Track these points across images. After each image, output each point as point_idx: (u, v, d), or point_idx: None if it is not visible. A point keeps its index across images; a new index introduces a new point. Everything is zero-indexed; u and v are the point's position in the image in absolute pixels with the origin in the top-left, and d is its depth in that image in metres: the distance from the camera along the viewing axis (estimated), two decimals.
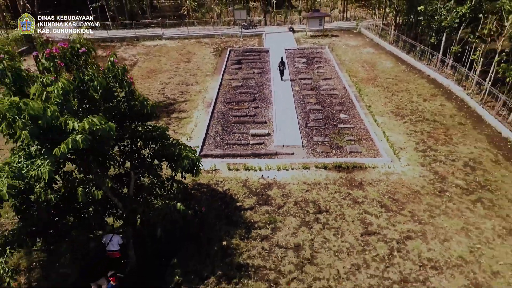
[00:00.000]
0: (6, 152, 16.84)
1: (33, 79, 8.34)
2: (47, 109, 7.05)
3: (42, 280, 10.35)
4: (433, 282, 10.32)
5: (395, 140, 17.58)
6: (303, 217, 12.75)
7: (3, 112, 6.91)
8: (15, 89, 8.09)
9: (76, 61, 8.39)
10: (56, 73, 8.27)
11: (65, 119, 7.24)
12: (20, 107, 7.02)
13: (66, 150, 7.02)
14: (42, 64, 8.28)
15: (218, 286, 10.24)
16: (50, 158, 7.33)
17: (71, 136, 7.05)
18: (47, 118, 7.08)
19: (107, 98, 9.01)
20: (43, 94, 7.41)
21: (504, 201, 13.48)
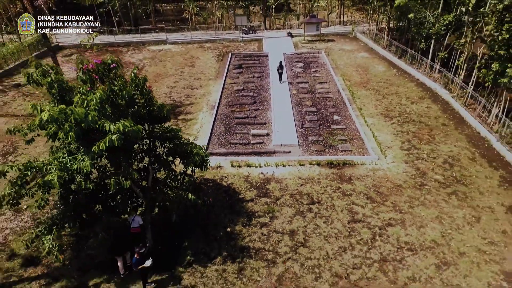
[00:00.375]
0: (30, 151, 18.58)
1: (72, 89, 10.10)
2: (89, 114, 8.80)
3: (73, 259, 12.10)
4: (408, 261, 12.06)
5: (383, 139, 19.32)
6: (298, 207, 14.49)
7: (55, 117, 8.65)
8: (59, 98, 9.84)
9: (108, 74, 10.14)
10: (91, 84, 10.02)
11: (102, 122, 8.98)
12: (67, 113, 8.78)
13: (104, 147, 8.77)
14: (79, 77, 10.01)
15: (224, 265, 11.98)
16: (90, 154, 9.10)
17: (108, 136, 8.80)
18: (88, 121, 8.84)
19: (129, 104, 10.75)
20: (84, 102, 9.16)
21: (476, 193, 15.21)
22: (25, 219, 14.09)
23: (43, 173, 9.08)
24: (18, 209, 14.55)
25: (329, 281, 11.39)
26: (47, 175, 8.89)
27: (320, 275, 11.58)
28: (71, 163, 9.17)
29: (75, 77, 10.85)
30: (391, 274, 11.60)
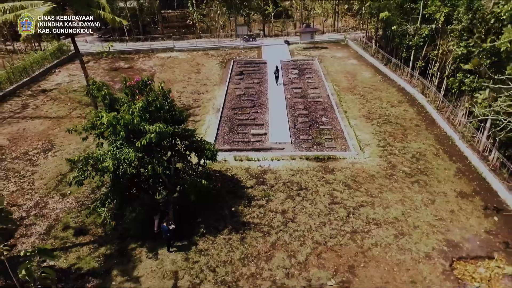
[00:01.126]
0: (65, 147, 22.02)
1: (118, 99, 13.55)
2: (134, 119, 12.25)
3: (113, 230, 15.55)
4: (373, 232, 15.48)
5: (363, 138, 22.74)
6: (289, 193, 17.93)
7: (111, 121, 12.10)
8: (109, 106, 13.29)
9: (144, 89, 13.59)
10: (132, 96, 13.47)
11: (143, 125, 12.43)
12: (118, 118, 12.24)
13: (145, 143, 12.22)
14: (124, 90, 13.45)
15: (229, 235, 15.42)
16: (134, 148, 12.55)
17: (147, 135, 12.25)
18: (134, 124, 12.29)
19: (159, 111, 14.18)
20: (130, 109, 12.61)
21: (434, 182, 18.64)
22: (70, 201, 17.54)
23: (100, 161, 12.51)
24: (64, 193, 18.02)
25: (311, 246, 14.82)
26: (103, 162, 12.33)
27: (304, 242, 15.01)
28: (120, 154, 12.61)
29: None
30: (359, 242, 15.04)
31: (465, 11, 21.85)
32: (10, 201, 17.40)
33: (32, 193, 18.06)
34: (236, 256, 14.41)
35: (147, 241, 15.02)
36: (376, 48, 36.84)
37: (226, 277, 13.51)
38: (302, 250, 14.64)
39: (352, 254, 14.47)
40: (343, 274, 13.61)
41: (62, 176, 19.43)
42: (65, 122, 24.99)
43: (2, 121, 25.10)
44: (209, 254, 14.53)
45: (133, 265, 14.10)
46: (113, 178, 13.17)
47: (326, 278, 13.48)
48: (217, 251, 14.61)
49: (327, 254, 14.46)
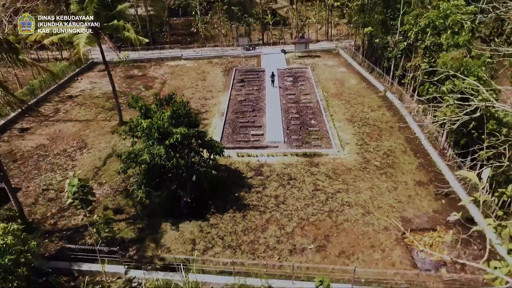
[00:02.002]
0: (96, 146, 26.45)
1: (150, 109, 17.98)
2: (165, 124, 16.69)
3: (143, 210, 19.98)
4: (346, 212, 19.89)
5: (344, 138, 27.15)
6: (281, 182, 22.34)
7: (147, 126, 16.54)
8: (144, 114, 17.73)
9: (170, 101, 18.03)
10: (161, 106, 17.90)
11: (170, 128, 16.87)
12: (153, 123, 16.67)
13: (172, 141, 16.65)
14: (155, 102, 17.89)
15: (234, 213, 19.83)
16: (163, 145, 16.98)
17: (174, 135, 16.67)
18: (164, 128, 16.72)
19: (180, 117, 18.60)
20: (161, 117, 17.04)
21: (399, 173, 23.03)
22: (106, 188, 21.98)
23: (139, 155, 16.93)
24: (100, 182, 22.46)
25: (297, 221, 19.24)
26: (142, 156, 16.76)
27: (291, 219, 19.44)
28: (153, 150, 17.04)
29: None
30: (334, 218, 19.46)
31: (429, 32, 26.24)
32: (60, 189, 21.86)
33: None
34: (239, 228, 18.85)
35: (170, 218, 19.46)
36: (362, 58, 41.26)
37: (231, 243, 17.93)
38: (289, 224, 19.07)
39: (328, 227, 18.89)
40: (320, 241, 18.03)
41: (97, 168, 23.88)
42: (93, 125, 29.44)
43: (40, 124, 29.56)
44: (218, 227, 18.96)
45: (160, 235, 18.54)
46: (147, 168, 17.58)
47: (307, 243, 17.89)
48: (224, 225, 19.05)
49: (309, 227, 18.89)
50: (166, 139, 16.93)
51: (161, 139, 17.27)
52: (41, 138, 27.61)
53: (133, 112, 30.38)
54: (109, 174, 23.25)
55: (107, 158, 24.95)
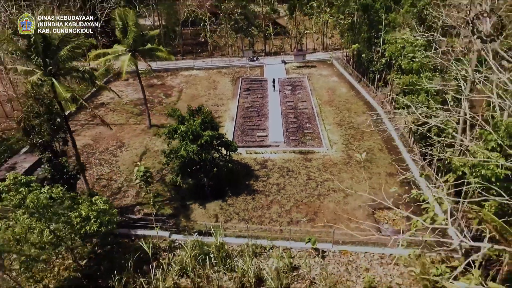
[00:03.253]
0: (132, 145, 32.61)
1: (185, 118, 24.19)
2: (197, 128, 22.91)
3: (177, 194, 26.18)
4: (331, 195, 26.07)
5: (333, 138, 33.32)
6: (281, 173, 28.52)
7: (184, 130, 22.75)
8: (181, 121, 23.94)
9: (199, 111, 24.24)
10: (192, 115, 24.10)
11: (201, 132, 23.08)
12: (189, 128, 22.91)
13: (202, 142, 22.87)
14: (188, 112, 24.10)
15: (245, 197, 26.00)
16: (195, 144, 23.21)
17: (204, 137, 22.88)
18: (197, 131, 22.95)
19: (206, 123, 24.79)
20: (193, 123, 23.25)
21: (375, 167, 29.18)
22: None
23: (177, 152, 23.11)
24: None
25: (293, 202, 25.42)
26: (180, 152, 22.93)
27: (289, 200, 25.62)
28: (188, 148, 23.23)
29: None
30: (322, 200, 25.63)
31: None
32: (109, 178, 28.07)
33: (121, 173, 28.74)
34: (249, 207, 25.05)
35: (197, 200, 25.65)
36: (352, 69, 47.44)
37: (244, 217, 24.12)
38: (288, 204, 25.26)
39: (316, 206, 25.09)
40: (310, 216, 24.21)
41: (135, 163, 30.04)
42: (126, 128, 35.62)
43: (83, 126, 35.77)
44: (234, 206, 25.16)
45: (190, 212, 24.73)
46: (183, 162, 23.74)
47: (301, 217, 24.08)
48: (238, 204, 25.25)
49: (302, 206, 25.08)
50: (197, 140, 23.12)
51: (193, 140, 23.45)
52: (86, 139, 33.81)
53: (157, 117, 36.78)
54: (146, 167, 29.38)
55: (142, 154, 31.17)
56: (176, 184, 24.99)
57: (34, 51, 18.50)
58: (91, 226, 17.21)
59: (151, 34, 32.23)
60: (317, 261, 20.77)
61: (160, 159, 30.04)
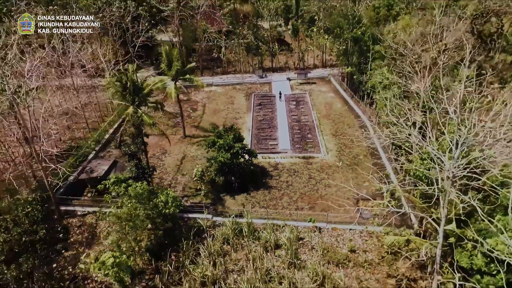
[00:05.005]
0: (171, 153, 41.93)
1: (222, 135, 33.50)
2: (230, 142, 32.22)
3: (213, 189, 35.46)
4: (326, 190, 35.31)
5: (329, 146, 42.56)
6: (289, 173, 37.79)
7: (222, 143, 32.08)
8: (218, 136, 33.25)
9: (231, 129, 33.52)
10: (226, 132, 33.39)
11: (232, 144, 32.40)
12: (225, 142, 32.26)
13: (234, 151, 32.20)
14: (223, 128, 33.39)
15: (263, 191, 35.28)
16: (228, 153, 32.54)
17: (235, 148, 32.20)
18: (230, 144, 32.27)
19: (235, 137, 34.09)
20: (228, 138, 32.55)
21: (361, 168, 38.40)
22: (187, 178, 37.42)
23: (216, 158, 32.38)
24: (183, 174, 37.91)
25: (298, 195, 34.68)
26: (218, 158, 32.20)
27: (296, 193, 34.89)
28: (224, 155, 32.50)
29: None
30: (320, 193, 34.87)
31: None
32: (160, 177, 37.36)
33: (169, 173, 38.05)
34: (266, 198, 34.34)
35: (228, 193, 34.91)
36: (346, 86, 56.68)
37: (263, 205, 33.38)
38: (294, 196, 34.51)
39: (315, 197, 34.34)
40: (311, 204, 33.46)
41: (177, 166, 39.33)
42: (164, 138, 44.83)
43: None
44: (255, 197, 34.44)
45: (224, 202, 33.99)
46: (220, 166, 32.95)
47: (304, 205, 33.33)
48: (258, 196, 34.52)
49: (305, 198, 34.34)
50: (230, 150, 32.38)
51: (227, 150, 32.72)
52: None
53: (189, 129, 45.97)
54: (186, 169, 38.74)
55: (182, 159, 40.50)
56: (215, 182, 34.25)
57: (128, 92, 27.80)
58: (169, 209, 26.47)
59: (189, 66, 41.61)
60: (316, 234, 30.00)
61: (196, 162, 39.40)
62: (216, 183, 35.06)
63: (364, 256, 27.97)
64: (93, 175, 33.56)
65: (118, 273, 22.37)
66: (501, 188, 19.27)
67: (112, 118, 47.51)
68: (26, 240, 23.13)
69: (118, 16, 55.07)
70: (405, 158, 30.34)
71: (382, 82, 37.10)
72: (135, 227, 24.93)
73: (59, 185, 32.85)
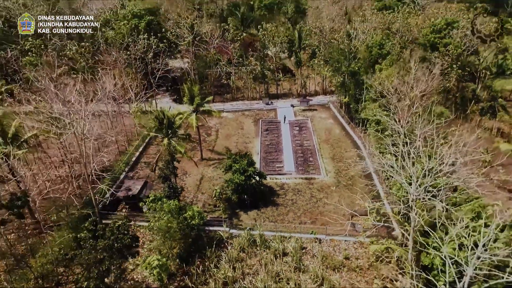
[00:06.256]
0: (191, 173, 48.33)
1: (236, 158, 39.91)
2: (244, 166, 38.60)
3: (228, 206, 41.59)
4: (325, 207, 41.40)
5: (328, 168, 48.82)
6: (293, 192, 43.98)
7: (238, 167, 38.46)
8: (233, 161, 39.66)
9: (245, 155, 39.96)
10: (240, 157, 39.80)
11: (246, 168, 38.76)
12: (241, 166, 38.65)
13: (248, 174, 38.55)
14: (239, 155, 39.81)
15: (271, 208, 41.42)
16: (242, 175, 38.89)
17: (249, 171, 38.57)
18: (245, 167, 38.65)
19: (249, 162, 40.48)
20: (243, 163, 38.94)
21: (355, 189, 44.52)
22: (206, 196, 43.62)
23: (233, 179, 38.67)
24: (202, 192, 44.15)
25: (302, 211, 40.79)
26: (234, 180, 38.49)
27: (299, 210, 41.00)
28: (239, 177, 38.79)
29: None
30: (320, 209, 40.95)
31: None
32: (183, 195, 43.57)
33: (190, 191, 44.31)
34: (275, 213, 40.44)
35: (242, 209, 41.03)
36: (344, 113, 63.33)
37: (272, 220, 39.45)
38: (298, 212, 40.60)
39: (316, 213, 40.41)
40: (313, 219, 39.50)
41: (197, 185, 45.59)
42: (184, 159, 51.19)
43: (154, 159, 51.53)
44: (265, 213, 40.55)
45: (239, 216, 40.09)
46: (235, 186, 39.17)
47: (307, 220, 39.38)
48: (267, 212, 40.64)
49: (308, 214, 40.42)
50: (244, 173, 38.68)
51: (242, 173, 39.02)
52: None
53: (205, 152, 52.37)
54: (204, 188, 45.00)
55: (201, 179, 46.81)
56: (230, 200, 40.43)
57: (164, 127, 34.44)
58: (196, 221, 32.64)
59: (207, 99, 48.45)
60: (317, 244, 35.96)
61: (213, 182, 45.69)
62: (231, 201, 41.17)
63: (356, 262, 33.88)
64: (129, 193, 39.81)
65: (159, 273, 28.39)
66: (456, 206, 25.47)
67: (138, 142, 54.07)
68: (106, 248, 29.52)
69: (142, 51, 62.45)
70: (388, 182, 36.50)
71: (372, 117, 43.64)
72: (171, 237, 31.05)
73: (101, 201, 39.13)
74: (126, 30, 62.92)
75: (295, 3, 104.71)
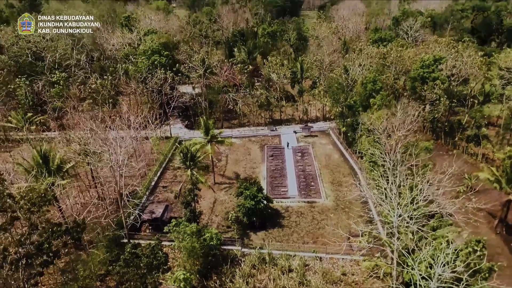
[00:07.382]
0: (206, 197, 53.95)
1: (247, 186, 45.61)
2: (254, 192, 44.24)
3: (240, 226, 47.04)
4: (325, 229, 46.79)
5: (328, 192, 54.35)
6: (297, 215, 49.44)
7: (249, 193, 44.11)
8: (244, 188, 45.32)
9: (255, 182, 45.67)
10: (250, 184, 45.50)
11: (256, 194, 44.41)
12: (251, 193, 44.33)
13: (258, 199, 44.15)
14: (249, 182, 45.50)
15: (277, 229, 46.84)
16: (253, 200, 44.51)
17: (258, 197, 44.17)
18: (254, 194, 44.29)
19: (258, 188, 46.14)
20: (253, 189, 44.60)
21: (352, 212, 49.91)
22: (220, 218, 49.08)
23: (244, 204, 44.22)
24: (216, 214, 49.63)
25: (305, 232, 46.17)
26: (246, 205, 44.04)
27: (302, 231, 46.39)
28: (249, 202, 44.35)
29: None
30: (320, 231, 46.35)
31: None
32: (200, 217, 49.02)
33: (205, 214, 49.79)
34: (280, 234, 45.84)
35: (251, 230, 46.42)
36: (342, 140, 69.21)
37: (278, 239, 44.81)
38: (301, 233, 45.98)
39: (318, 234, 45.77)
40: (314, 240, 44.85)
41: (211, 208, 51.07)
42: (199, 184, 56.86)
43: (172, 182, 57.14)
44: (272, 234, 45.95)
45: (249, 236, 45.47)
46: (246, 210, 44.64)
47: (309, 240, 44.72)
48: (274, 233, 46.02)
49: (310, 234, 45.78)
50: (254, 198, 44.27)
51: (252, 198, 44.60)
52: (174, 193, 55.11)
53: (217, 177, 58.08)
54: (218, 211, 50.48)
55: (214, 203, 52.36)
56: (242, 222, 45.94)
57: (187, 159, 40.24)
58: (214, 242, 38.07)
59: (220, 131, 54.51)
60: (318, 262, 41.23)
61: (225, 205, 51.24)
62: (243, 223, 46.60)
63: (352, 277, 39.15)
64: (153, 215, 45.34)
65: (185, 285, 33.70)
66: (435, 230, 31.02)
67: (156, 168, 59.89)
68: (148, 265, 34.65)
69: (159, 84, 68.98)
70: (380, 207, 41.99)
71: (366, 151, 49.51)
72: (194, 255, 36.48)
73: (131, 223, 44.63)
74: (145, 66, 69.55)
75: (297, 31, 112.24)
